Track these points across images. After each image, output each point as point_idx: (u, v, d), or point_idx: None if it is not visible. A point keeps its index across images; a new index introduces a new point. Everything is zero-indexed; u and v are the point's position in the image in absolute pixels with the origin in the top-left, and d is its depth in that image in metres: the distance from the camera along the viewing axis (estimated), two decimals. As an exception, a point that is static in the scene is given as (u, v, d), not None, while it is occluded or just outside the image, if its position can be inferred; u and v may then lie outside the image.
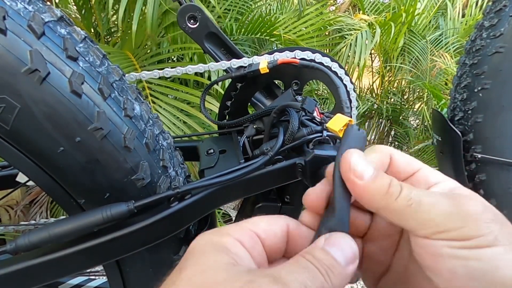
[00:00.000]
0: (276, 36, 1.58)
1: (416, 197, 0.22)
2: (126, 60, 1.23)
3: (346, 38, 1.81)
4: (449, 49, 2.00)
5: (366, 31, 1.78)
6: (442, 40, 2.09)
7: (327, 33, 1.92)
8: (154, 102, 1.15)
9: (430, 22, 2.26)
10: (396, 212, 0.22)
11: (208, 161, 0.47)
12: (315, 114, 0.42)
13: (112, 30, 1.68)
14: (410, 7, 1.95)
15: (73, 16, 1.57)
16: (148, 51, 1.33)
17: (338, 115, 0.34)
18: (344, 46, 1.77)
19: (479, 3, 2.22)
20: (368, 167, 0.23)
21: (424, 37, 2.06)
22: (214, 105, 1.19)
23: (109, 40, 1.62)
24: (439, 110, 0.75)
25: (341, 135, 0.26)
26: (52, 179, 0.32)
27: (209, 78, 1.36)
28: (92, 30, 1.48)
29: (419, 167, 0.25)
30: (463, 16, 2.28)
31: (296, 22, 1.67)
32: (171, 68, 0.52)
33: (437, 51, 1.99)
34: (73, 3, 1.44)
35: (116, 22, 1.62)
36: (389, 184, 0.22)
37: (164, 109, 1.15)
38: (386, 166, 0.25)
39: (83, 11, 1.43)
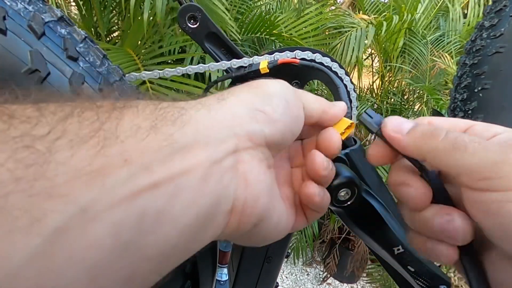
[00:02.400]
0: (276, 35, 1.58)
1: (462, 141, 0.20)
2: (127, 58, 1.23)
3: (343, 35, 1.81)
4: (451, 50, 2.00)
5: (361, 28, 1.78)
6: (444, 40, 2.09)
7: (326, 32, 1.92)
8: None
9: (431, 22, 2.26)
10: (441, 154, 0.20)
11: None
12: None
13: (112, 29, 1.68)
14: (411, 8, 1.95)
15: (73, 14, 1.57)
16: (149, 45, 1.33)
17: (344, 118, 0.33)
18: (339, 43, 1.77)
19: (482, 3, 2.22)
20: (405, 122, 0.23)
21: (424, 37, 2.06)
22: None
23: (109, 40, 1.62)
24: (438, 110, 0.75)
25: (343, 138, 0.26)
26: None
27: (209, 79, 1.36)
28: (92, 30, 1.49)
29: (472, 124, 0.23)
30: (464, 17, 2.28)
31: (296, 21, 1.67)
32: (171, 68, 0.52)
33: (437, 51, 1.99)
34: (74, 3, 1.44)
35: (116, 21, 1.62)
36: (432, 129, 0.21)
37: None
38: None
39: (83, 12, 1.43)
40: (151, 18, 1.24)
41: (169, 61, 1.42)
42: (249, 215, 0.19)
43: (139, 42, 1.30)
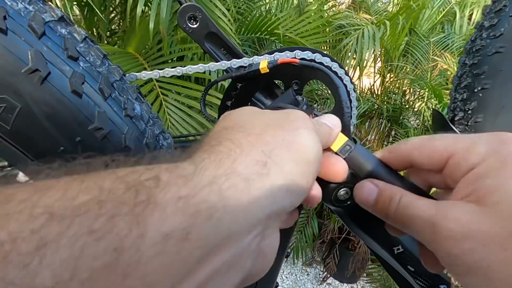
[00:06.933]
0: (276, 35, 1.58)
1: (404, 206, 0.23)
2: (134, 60, 1.24)
3: (348, 36, 1.80)
4: (453, 51, 1.99)
5: (368, 29, 1.77)
6: (446, 42, 2.08)
7: (327, 30, 1.92)
8: (165, 100, 1.18)
9: (436, 24, 2.26)
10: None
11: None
12: None
13: (115, 31, 1.68)
14: (415, 8, 1.95)
15: (76, 14, 1.57)
16: (153, 48, 1.34)
17: (340, 134, 0.31)
18: (348, 43, 1.76)
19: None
20: (369, 190, 0.26)
21: (427, 38, 2.06)
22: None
23: (110, 41, 1.62)
24: (439, 110, 0.75)
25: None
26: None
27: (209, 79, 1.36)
28: (95, 31, 1.49)
29: (449, 154, 0.23)
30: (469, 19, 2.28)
31: (296, 20, 1.66)
32: (172, 68, 0.52)
33: (439, 52, 1.99)
34: (75, 4, 1.44)
35: (117, 22, 1.62)
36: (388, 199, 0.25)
37: (175, 106, 1.18)
38: (408, 166, 0.26)
39: (85, 11, 1.43)
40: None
41: (169, 60, 1.42)
42: (256, 278, 0.20)
43: (146, 45, 1.30)
